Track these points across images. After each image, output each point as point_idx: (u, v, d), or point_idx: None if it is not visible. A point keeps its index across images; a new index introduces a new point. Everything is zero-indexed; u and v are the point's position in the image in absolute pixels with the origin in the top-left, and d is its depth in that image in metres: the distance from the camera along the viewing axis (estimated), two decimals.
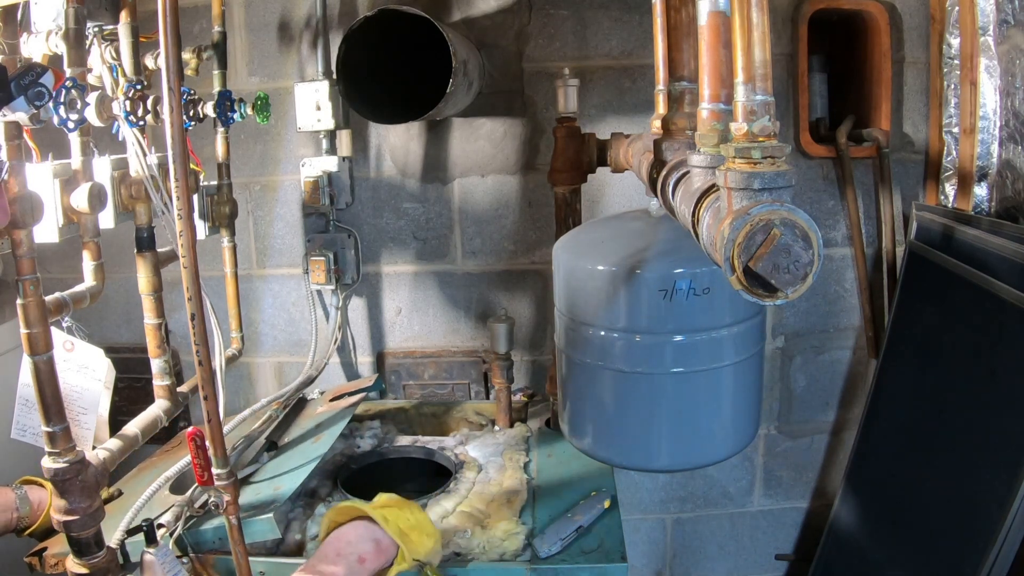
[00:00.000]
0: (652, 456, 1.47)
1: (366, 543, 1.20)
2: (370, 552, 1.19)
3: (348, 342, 2.35)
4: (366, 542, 1.20)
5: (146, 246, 1.58)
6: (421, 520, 1.29)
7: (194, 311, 1.22)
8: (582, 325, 1.44)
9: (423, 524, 1.29)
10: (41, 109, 0.81)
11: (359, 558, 1.17)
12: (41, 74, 0.77)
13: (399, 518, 1.25)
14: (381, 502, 1.29)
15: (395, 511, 1.26)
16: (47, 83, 0.78)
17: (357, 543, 1.19)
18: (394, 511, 1.26)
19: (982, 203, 1.98)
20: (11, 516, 1.42)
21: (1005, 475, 1.52)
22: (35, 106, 0.77)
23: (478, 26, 2.14)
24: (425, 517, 1.31)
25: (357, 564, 1.16)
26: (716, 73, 0.88)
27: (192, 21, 2.14)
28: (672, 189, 1.12)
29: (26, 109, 0.76)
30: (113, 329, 2.36)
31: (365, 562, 1.17)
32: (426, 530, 1.28)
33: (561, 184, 1.84)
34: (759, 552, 2.51)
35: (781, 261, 0.70)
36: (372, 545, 1.20)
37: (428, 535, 1.28)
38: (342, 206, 2.23)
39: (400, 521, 1.24)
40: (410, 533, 1.24)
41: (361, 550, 1.19)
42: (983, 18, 1.90)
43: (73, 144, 1.38)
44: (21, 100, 0.75)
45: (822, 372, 2.34)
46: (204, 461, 1.29)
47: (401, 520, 1.25)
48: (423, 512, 1.32)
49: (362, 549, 1.19)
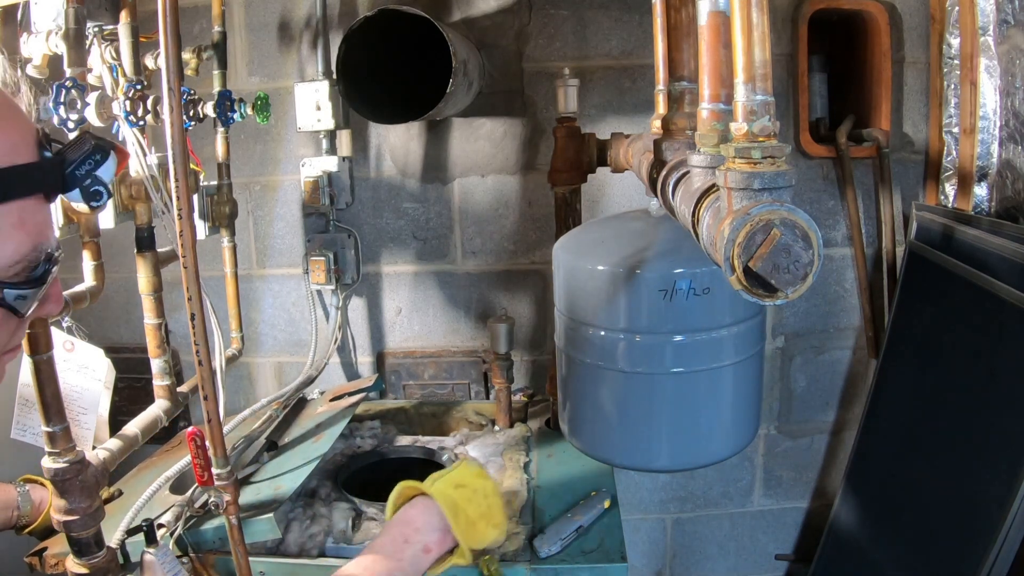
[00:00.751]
0: (652, 456, 1.47)
1: (434, 532, 1.15)
2: (436, 542, 1.15)
3: (348, 342, 2.35)
4: (434, 532, 1.15)
5: (146, 246, 1.58)
6: (493, 507, 1.23)
7: (194, 311, 1.22)
8: (582, 325, 1.44)
9: (493, 512, 1.23)
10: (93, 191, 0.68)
11: (424, 548, 1.13)
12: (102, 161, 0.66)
13: (470, 505, 1.19)
14: (456, 478, 1.22)
15: (467, 495, 1.20)
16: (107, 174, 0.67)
17: (426, 531, 1.15)
18: (466, 495, 1.20)
19: (982, 203, 1.98)
20: (12, 514, 1.42)
21: (1005, 475, 1.52)
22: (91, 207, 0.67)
23: (478, 26, 2.14)
24: (498, 503, 1.25)
25: (422, 554, 1.12)
26: (716, 73, 0.88)
27: (192, 21, 2.14)
28: (672, 189, 1.12)
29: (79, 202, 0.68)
30: (113, 329, 2.36)
31: (431, 552, 1.14)
32: (494, 520, 1.22)
33: (561, 184, 1.84)
34: (759, 552, 2.51)
35: (781, 261, 0.70)
36: (439, 535, 1.15)
37: (495, 526, 1.22)
38: (342, 206, 2.23)
39: (471, 509, 1.19)
40: (478, 523, 1.19)
41: (428, 540, 1.14)
42: (983, 18, 1.90)
43: None
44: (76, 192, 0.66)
45: (822, 372, 2.34)
46: (204, 461, 1.29)
47: (472, 508, 1.19)
48: (498, 495, 1.25)
49: (429, 539, 1.14)
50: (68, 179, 0.66)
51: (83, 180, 0.66)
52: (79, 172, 0.66)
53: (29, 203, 0.62)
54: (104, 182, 0.68)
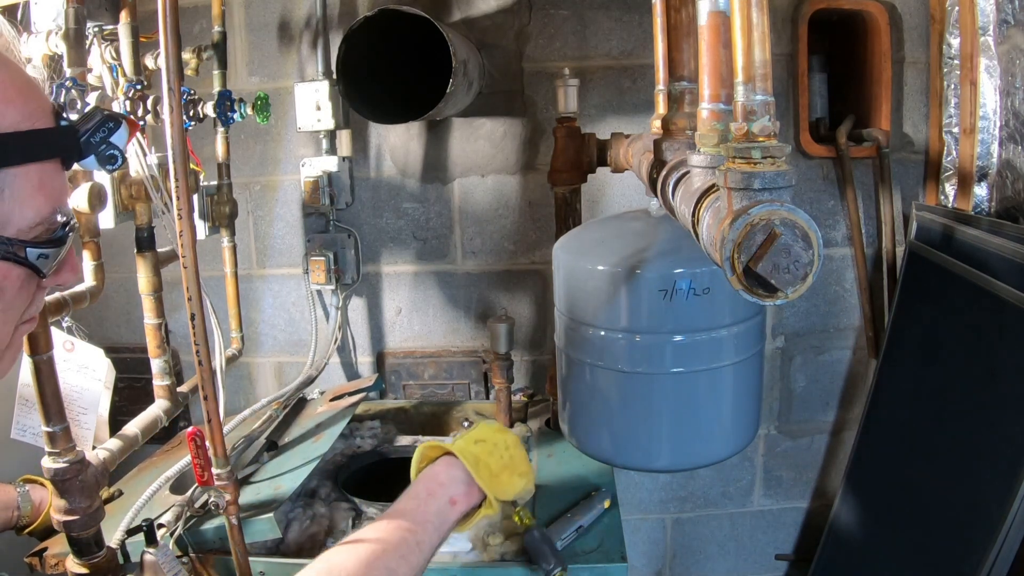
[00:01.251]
0: (652, 456, 1.47)
1: (458, 485, 1.16)
2: (461, 495, 1.15)
3: (348, 342, 2.35)
4: (458, 484, 1.16)
5: (146, 246, 1.58)
6: (515, 458, 1.24)
7: (194, 311, 1.22)
8: (582, 325, 1.44)
9: (516, 463, 1.24)
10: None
11: (450, 500, 1.13)
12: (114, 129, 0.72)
13: (491, 457, 1.20)
14: (475, 435, 1.23)
15: (488, 448, 1.21)
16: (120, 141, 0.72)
17: (449, 484, 1.15)
18: (487, 448, 1.21)
19: (982, 203, 1.98)
20: (12, 514, 1.42)
21: (1005, 475, 1.52)
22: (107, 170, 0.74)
23: (478, 26, 2.14)
24: (520, 454, 1.26)
25: (448, 506, 1.13)
26: (716, 73, 0.88)
27: (192, 21, 2.14)
28: (672, 189, 1.12)
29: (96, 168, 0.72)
30: (113, 329, 2.36)
31: (456, 504, 1.14)
32: (518, 470, 1.23)
33: (561, 184, 1.84)
34: (759, 552, 2.51)
35: (781, 261, 0.70)
36: (464, 488, 1.16)
37: (520, 475, 1.23)
38: (342, 206, 2.23)
39: (492, 461, 1.20)
40: (501, 474, 1.20)
41: (453, 492, 1.15)
42: (983, 18, 1.90)
43: None
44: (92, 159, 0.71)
45: (822, 372, 2.34)
46: (204, 461, 1.29)
47: (493, 460, 1.20)
48: (520, 447, 1.27)
49: (454, 491, 1.15)
50: (84, 146, 0.70)
51: (98, 146, 0.71)
52: (94, 139, 0.70)
53: (48, 167, 0.65)
54: (118, 147, 0.72)
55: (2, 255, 0.63)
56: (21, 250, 0.64)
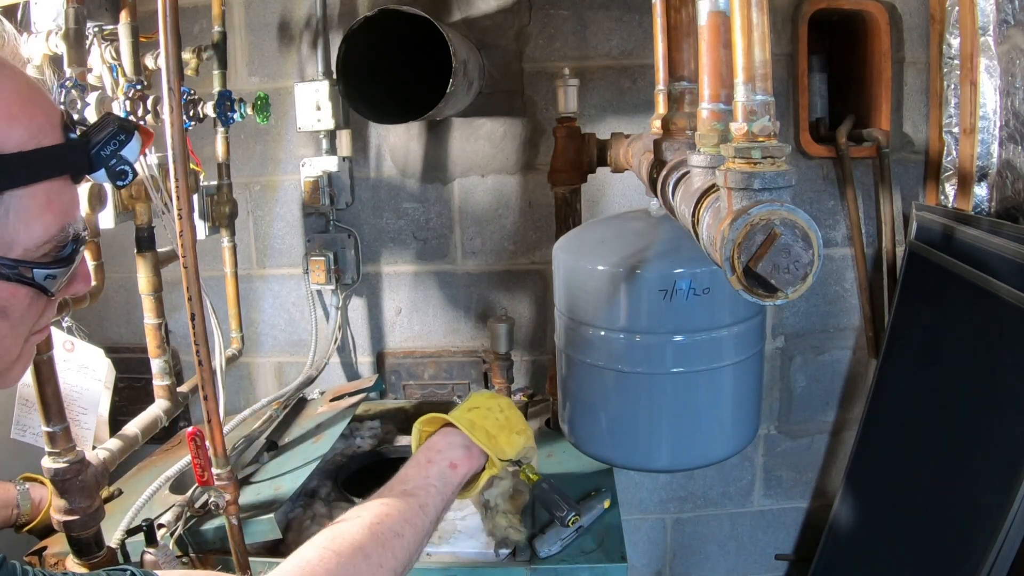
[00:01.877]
0: (652, 456, 1.47)
1: (456, 449, 1.17)
2: (461, 458, 1.16)
3: (348, 342, 2.35)
4: (456, 448, 1.17)
5: (146, 246, 1.59)
6: (511, 418, 1.25)
7: (194, 311, 1.22)
8: (582, 325, 1.44)
9: (513, 422, 1.25)
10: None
11: (450, 464, 1.14)
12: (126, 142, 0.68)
13: (487, 420, 1.22)
14: (469, 404, 1.26)
15: (482, 413, 1.23)
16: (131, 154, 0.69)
17: (447, 450, 1.16)
18: (481, 413, 1.23)
19: (982, 203, 1.98)
20: (11, 512, 1.42)
21: (1005, 475, 1.52)
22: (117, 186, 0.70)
23: (478, 26, 2.14)
24: (516, 414, 1.27)
25: (449, 470, 1.14)
26: (716, 73, 0.88)
27: (192, 21, 2.14)
28: (672, 189, 1.12)
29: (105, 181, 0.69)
30: (113, 329, 2.36)
31: (457, 467, 1.15)
32: (516, 428, 1.24)
33: (561, 184, 1.84)
34: (759, 552, 2.51)
35: (781, 261, 0.70)
36: (463, 451, 1.17)
37: (518, 432, 1.24)
38: (342, 206, 2.22)
39: (488, 424, 1.21)
40: (499, 435, 1.21)
41: (452, 456, 1.15)
42: (983, 18, 1.90)
43: None
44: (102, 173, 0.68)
45: (822, 372, 2.34)
46: (204, 461, 1.29)
47: (489, 422, 1.22)
48: (513, 408, 1.28)
49: (453, 456, 1.16)
50: (94, 160, 0.67)
51: (108, 160, 0.68)
52: (104, 152, 0.67)
53: (56, 184, 0.63)
54: (129, 162, 0.69)
55: (7, 277, 0.61)
56: (28, 271, 0.62)
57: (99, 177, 0.68)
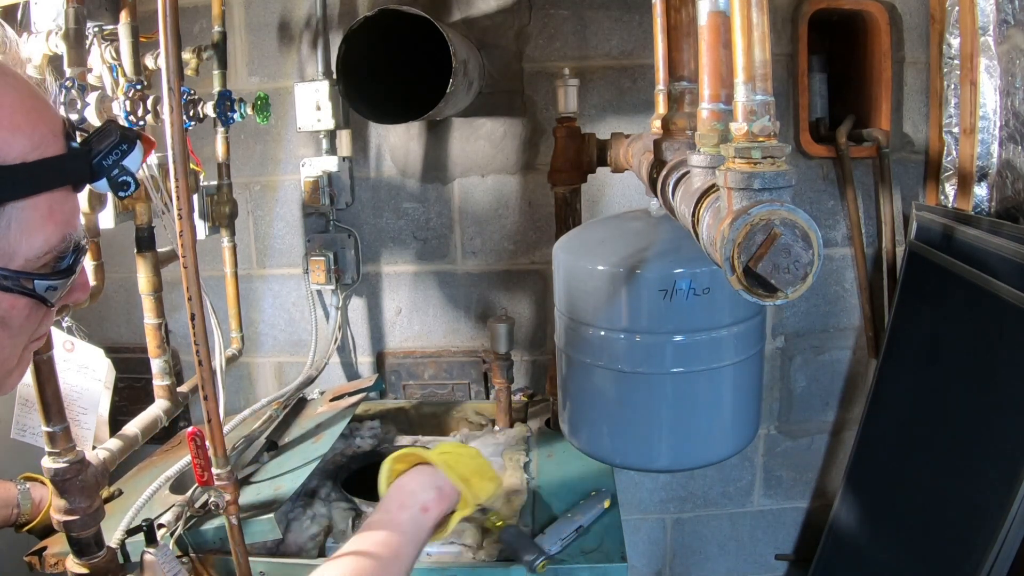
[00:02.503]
0: (652, 456, 1.47)
1: (428, 491, 1.16)
2: (433, 500, 1.15)
3: (348, 342, 2.35)
4: (428, 490, 1.16)
5: (146, 246, 1.59)
6: (482, 465, 1.26)
7: (194, 311, 1.22)
8: (582, 325, 1.44)
9: (484, 469, 1.26)
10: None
11: (422, 507, 1.13)
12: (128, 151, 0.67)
13: (460, 463, 1.22)
14: (440, 448, 1.26)
15: (456, 456, 1.23)
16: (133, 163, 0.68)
17: (420, 492, 1.15)
18: (455, 456, 1.23)
19: (982, 203, 1.98)
20: (11, 511, 1.42)
21: (1005, 475, 1.52)
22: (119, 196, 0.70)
23: (478, 26, 2.14)
24: (486, 463, 1.28)
25: (421, 515, 1.13)
26: (716, 73, 0.88)
27: (192, 21, 2.14)
28: (672, 189, 1.12)
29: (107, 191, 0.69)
30: (113, 329, 2.36)
31: (429, 511, 1.14)
32: (487, 475, 1.25)
33: (561, 184, 1.84)
34: (759, 552, 2.51)
35: (781, 261, 0.70)
36: (435, 493, 1.16)
37: (489, 479, 1.25)
38: (342, 206, 2.22)
39: (461, 467, 1.21)
40: (472, 478, 1.21)
41: (424, 499, 1.14)
42: (983, 18, 1.90)
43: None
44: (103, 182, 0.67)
45: (822, 372, 2.34)
46: (204, 461, 1.29)
47: (462, 465, 1.22)
48: (483, 457, 1.29)
49: (425, 498, 1.15)
50: (95, 169, 0.66)
51: (110, 170, 0.67)
52: (106, 162, 0.66)
53: (58, 194, 0.62)
54: (131, 172, 0.68)
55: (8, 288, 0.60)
56: (29, 282, 0.61)
57: (100, 187, 0.67)
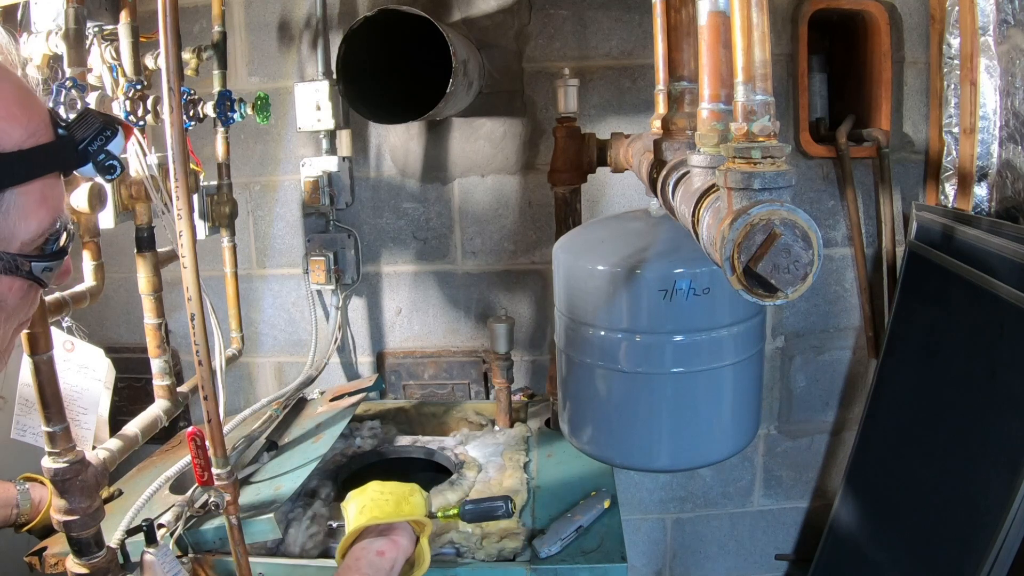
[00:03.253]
0: (652, 456, 1.47)
1: (376, 542, 1.21)
2: (384, 546, 1.21)
3: (348, 342, 2.35)
4: (376, 541, 1.22)
5: (146, 246, 1.59)
6: (396, 490, 1.30)
7: (194, 311, 1.22)
8: (582, 325, 1.44)
9: (400, 492, 1.30)
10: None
11: (377, 552, 1.19)
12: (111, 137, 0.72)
13: (381, 504, 1.26)
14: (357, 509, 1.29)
15: (367, 501, 1.27)
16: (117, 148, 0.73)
17: (369, 546, 1.21)
18: (371, 504, 1.27)
19: (982, 203, 1.98)
20: (11, 511, 1.42)
21: (1005, 475, 1.52)
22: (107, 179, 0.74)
23: (478, 26, 2.14)
24: (396, 485, 1.32)
25: (377, 558, 1.18)
26: (716, 73, 0.88)
27: (192, 21, 2.14)
28: (672, 189, 1.12)
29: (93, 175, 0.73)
30: (113, 329, 2.36)
31: (384, 554, 1.19)
32: (405, 493, 1.30)
33: (561, 184, 1.84)
34: (759, 552, 2.51)
35: (781, 261, 0.70)
36: (384, 541, 1.22)
37: (411, 493, 1.30)
38: (342, 206, 2.22)
39: (386, 506, 1.26)
40: (401, 504, 1.26)
41: (375, 547, 1.20)
42: (983, 18, 1.90)
43: None
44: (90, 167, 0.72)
45: (822, 372, 2.34)
46: (204, 461, 1.29)
47: (385, 504, 1.26)
48: (390, 483, 1.33)
49: (376, 547, 1.20)
50: (82, 155, 0.71)
51: (96, 155, 0.71)
52: (92, 148, 0.71)
53: (49, 180, 0.66)
54: (116, 156, 0.73)
55: (7, 270, 0.64)
56: (26, 264, 0.65)
57: (87, 171, 0.71)
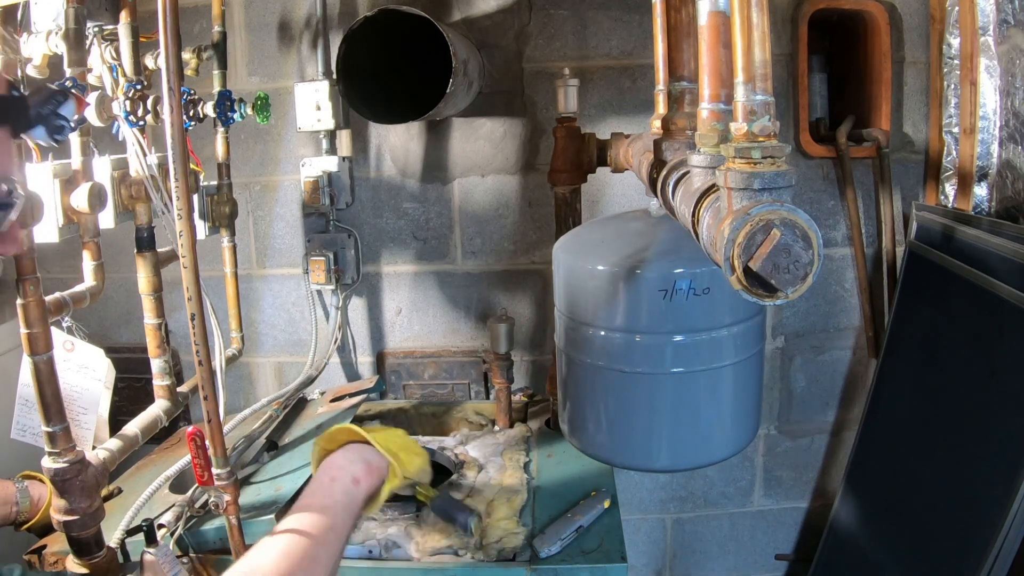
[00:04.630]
0: (652, 456, 1.47)
1: (357, 464, 1.19)
2: (362, 472, 1.18)
3: (348, 342, 2.35)
4: (357, 463, 1.19)
5: (146, 246, 1.59)
6: (408, 442, 1.32)
7: (194, 311, 1.22)
8: (582, 325, 1.44)
9: (411, 445, 1.31)
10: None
11: (353, 479, 1.16)
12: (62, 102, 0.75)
13: (388, 439, 1.27)
14: (368, 428, 1.32)
15: (384, 435, 1.29)
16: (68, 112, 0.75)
17: (348, 466, 1.18)
18: (382, 433, 1.29)
19: (982, 203, 1.98)
20: (10, 510, 1.42)
21: (1005, 475, 1.52)
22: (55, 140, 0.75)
23: (478, 26, 2.14)
24: (412, 440, 1.34)
25: (352, 486, 1.16)
26: (716, 73, 0.88)
27: (192, 21, 2.14)
28: (672, 189, 1.12)
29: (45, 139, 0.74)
30: (113, 329, 2.36)
31: (359, 483, 1.17)
32: (414, 450, 1.31)
33: (561, 184, 1.84)
34: (759, 552, 2.51)
35: (781, 261, 0.70)
36: (363, 466, 1.19)
37: (417, 454, 1.31)
38: (342, 206, 2.23)
39: (390, 443, 1.26)
40: (400, 452, 1.27)
41: (354, 471, 1.17)
42: (983, 18, 1.90)
43: (73, 144, 1.38)
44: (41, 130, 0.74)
45: (822, 372, 2.34)
46: (204, 461, 1.29)
47: (390, 441, 1.27)
48: (409, 436, 1.35)
49: (355, 471, 1.18)
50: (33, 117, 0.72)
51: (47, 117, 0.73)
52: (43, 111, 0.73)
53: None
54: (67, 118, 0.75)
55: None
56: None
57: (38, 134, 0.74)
